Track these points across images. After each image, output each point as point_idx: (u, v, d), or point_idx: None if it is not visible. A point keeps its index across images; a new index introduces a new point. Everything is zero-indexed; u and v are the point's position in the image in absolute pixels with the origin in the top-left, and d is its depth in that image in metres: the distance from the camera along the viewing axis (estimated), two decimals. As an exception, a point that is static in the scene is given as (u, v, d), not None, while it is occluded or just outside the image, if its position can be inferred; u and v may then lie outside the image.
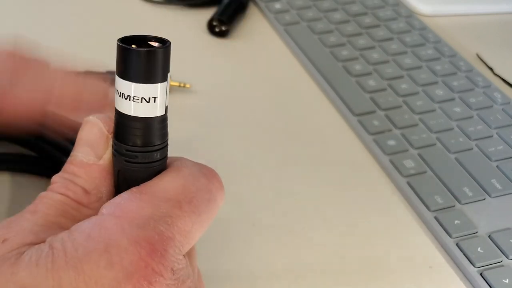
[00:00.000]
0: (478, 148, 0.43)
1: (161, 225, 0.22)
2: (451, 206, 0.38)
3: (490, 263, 0.35)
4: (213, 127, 0.44)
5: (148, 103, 0.21)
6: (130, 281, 0.20)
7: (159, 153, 0.23)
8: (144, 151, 0.23)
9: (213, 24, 0.54)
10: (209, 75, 0.49)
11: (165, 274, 0.21)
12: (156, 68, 0.21)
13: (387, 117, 0.45)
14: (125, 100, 0.21)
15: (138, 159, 0.23)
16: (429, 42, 0.55)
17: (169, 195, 0.23)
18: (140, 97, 0.21)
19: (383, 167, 0.42)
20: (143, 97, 0.21)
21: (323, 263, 0.35)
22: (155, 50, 0.22)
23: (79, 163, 0.24)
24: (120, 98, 0.22)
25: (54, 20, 0.55)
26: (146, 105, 0.21)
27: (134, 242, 0.21)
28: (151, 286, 0.21)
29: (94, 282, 0.20)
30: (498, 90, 0.50)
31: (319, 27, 0.56)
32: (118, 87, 0.22)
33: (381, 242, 0.36)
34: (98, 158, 0.24)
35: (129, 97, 0.21)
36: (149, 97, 0.21)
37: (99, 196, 0.24)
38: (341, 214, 0.38)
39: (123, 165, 0.23)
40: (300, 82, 0.50)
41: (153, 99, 0.21)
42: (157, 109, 0.22)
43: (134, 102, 0.21)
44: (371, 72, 0.50)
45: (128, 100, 0.21)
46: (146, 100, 0.21)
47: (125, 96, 0.21)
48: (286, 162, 0.42)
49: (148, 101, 0.21)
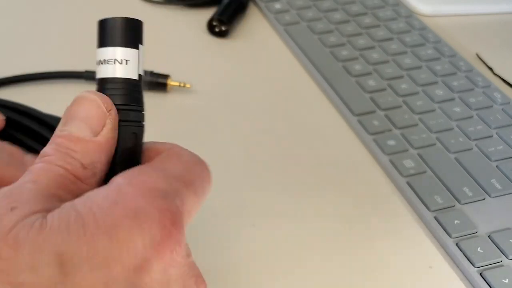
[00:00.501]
0: (478, 148, 0.43)
1: (176, 199, 0.22)
2: (451, 206, 0.38)
3: (490, 263, 0.35)
4: (211, 127, 0.44)
5: (121, 65, 0.24)
6: (157, 248, 0.21)
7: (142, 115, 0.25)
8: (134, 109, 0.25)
9: (213, 24, 0.54)
10: (208, 75, 0.49)
11: (182, 246, 0.22)
12: (120, 34, 0.25)
13: (387, 117, 0.45)
14: (101, 65, 0.24)
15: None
16: (429, 42, 0.55)
17: (177, 175, 0.23)
18: (113, 59, 0.24)
19: (383, 167, 0.42)
20: (115, 59, 0.24)
21: (322, 262, 0.35)
22: (115, 18, 0.26)
23: (74, 138, 0.23)
24: (99, 65, 0.25)
25: (53, 20, 0.55)
26: (120, 66, 0.24)
27: (160, 211, 0.21)
28: (172, 255, 0.21)
29: (126, 248, 0.20)
30: (498, 90, 0.50)
31: (319, 27, 0.56)
32: (98, 57, 0.25)
33: (381, 241, 0.36)
34: (94, 135, 0.23)
35: (104, 61, 0.24)
36: (121, 59, 0.24)
37: (94, 171, 0.24)
38: (340, 213, 0.38)
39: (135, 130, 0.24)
40: (300, 82, 0.50)
41: (125, 61, 0.24)
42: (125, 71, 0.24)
43: (108, 64, 0.24)
44: (371, 72, 0.50)
45: (101, 64, 0.24)
46: (119, 61, 0.24)
47: (101, 61, 0.25)
48: (285, 161, 0.42)
49: (121, 63, 0.24)
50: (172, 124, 0.44)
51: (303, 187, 0.40)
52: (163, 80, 0.46)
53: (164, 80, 0.46)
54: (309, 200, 0.39)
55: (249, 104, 0.47)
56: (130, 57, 0.24)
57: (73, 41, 0.52)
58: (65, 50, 0.51)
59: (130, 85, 0.24)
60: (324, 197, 0.39)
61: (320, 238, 0.36)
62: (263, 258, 0.35)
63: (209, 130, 0.44)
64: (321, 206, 0.38)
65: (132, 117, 0.24)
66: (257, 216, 0.37)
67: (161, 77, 0.46)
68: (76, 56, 0.50)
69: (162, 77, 0.46)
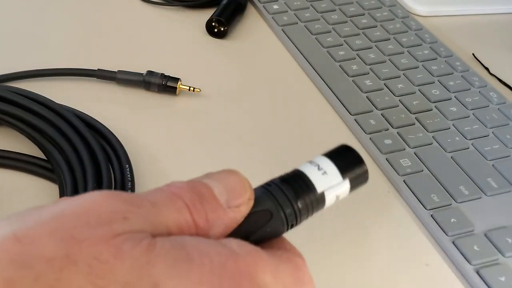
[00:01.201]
0: (474, 147, 0.44)
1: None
2: (448, 205, 0.39)
3: (486, 261, 0.35)
4: (210, 127, 0.44)
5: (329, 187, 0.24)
6: None
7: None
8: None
9: (212, 25, 0.54)
10: (207, 75, 0.49)
11: None
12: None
13: (383, 117, 0.46)
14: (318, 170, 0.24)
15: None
16: (426, 43, 0.55)
17: (285, 283, 0.22)
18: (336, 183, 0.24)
19: (380, 165, 0.42)
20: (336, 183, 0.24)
21: (318, 260, 0.35)
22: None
23: (211, 193, 0.22)
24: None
25: (54, 20, 0.55)
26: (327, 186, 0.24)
27: None
28: None
29: None
30: (494, 90, 0.50)
31: (316, 28, 0.56)
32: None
33: (378, 240, 0.37)
34: (227, 206, 0.22)
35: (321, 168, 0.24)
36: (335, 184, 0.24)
37: (209, 231, 0.22)
38: (337, 211, 0.38)
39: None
40: (297, 82, 0.50)
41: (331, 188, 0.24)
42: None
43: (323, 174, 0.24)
44: (368, 72, 0.51)
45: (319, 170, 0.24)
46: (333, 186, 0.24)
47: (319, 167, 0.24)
48: (283, 161, 0.42)
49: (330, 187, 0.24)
50: (173, 125, 0.45)
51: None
52: (174, 84, 0.46)
53: (175, 83, 0.46)
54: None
55: (246, 104, 0.47)
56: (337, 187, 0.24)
57: (73, 41, 0.52)
58: (65, 50, 0.51)
59: (305, 201, 0.23)
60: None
61: (317, 236, 0.36)
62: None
63: (206, 129, 0.44)
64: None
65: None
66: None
67: (171, 80, 0.46)
68: (89, 54, 0.50)
69: (173, 80, 0.46)
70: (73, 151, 0.36)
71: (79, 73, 0.47)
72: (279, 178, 0.24)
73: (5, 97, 0.38)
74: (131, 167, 0.38)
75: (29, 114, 0.38)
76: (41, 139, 0.37)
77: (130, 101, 0.46)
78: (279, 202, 0.23)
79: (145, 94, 0.47)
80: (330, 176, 0.24)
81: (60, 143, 0.36)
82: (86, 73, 0.47)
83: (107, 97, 0.46)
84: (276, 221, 0.23)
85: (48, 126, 0.37)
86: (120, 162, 0.38)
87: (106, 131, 0.39)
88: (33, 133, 0.38)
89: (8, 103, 0.38)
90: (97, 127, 0.40)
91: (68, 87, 0.47)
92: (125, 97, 0.46)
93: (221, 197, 0.22)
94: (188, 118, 0.45)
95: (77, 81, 0.47)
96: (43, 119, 0.38)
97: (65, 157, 0.36)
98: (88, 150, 0.36)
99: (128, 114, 0.44)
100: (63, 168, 0.36)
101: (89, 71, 0.47)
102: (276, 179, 0.24)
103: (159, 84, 0.46)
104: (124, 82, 0.47)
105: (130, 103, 0.46)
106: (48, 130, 0.37)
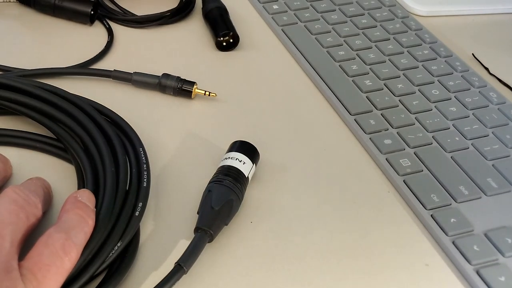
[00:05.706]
0: (474, 147, 0.44)
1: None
2: (447, 205, 0.39)
3: (486, 261, 0.35)
4: (209, 127, 0.44)
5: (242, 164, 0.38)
6: None
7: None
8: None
9: (220, 40, 0.53)
10: (206, 75, 0.49)
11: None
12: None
13: (383, 117, 0.46)
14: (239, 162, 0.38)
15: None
16: (425, 43, 0.55)
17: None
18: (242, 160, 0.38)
19: (380, 165, 0.42)
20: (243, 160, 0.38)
21: (318, 260, 0.35)
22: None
23: None
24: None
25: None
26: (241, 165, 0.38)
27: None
28: None
29: None
30: (494, 90, 0.50)
31: (316, 28, 0.56)
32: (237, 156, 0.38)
33: (378, 240, 0.37)
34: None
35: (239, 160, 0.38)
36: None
37: None
38: (337, 211, 0.38)
39: None
40: (297, 82, 0.50)
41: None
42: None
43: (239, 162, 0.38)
44: (367, 72, 0.51)
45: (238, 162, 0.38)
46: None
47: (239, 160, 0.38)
48: (282, 160, 0.42)
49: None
50: (173, 126, 0.44)
51: (300, 186, 0.40)
52: (189, 87, 0.46)
53: (191, 87, 0.46)
54: (306, 198, 0.39)
55: (246, 104, 0.47)
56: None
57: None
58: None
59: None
60: (321, 195, 0.39)
61: (317, 237, 0.36)
62: (260, 255, 0.35)
63: (205, 129, 0.44)
64: (318, 203, 0.39)
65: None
66: (256, 214, 0.37)
67: (187, 84, 0.46)
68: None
69: (189, 84, 0.46)
70: (88, 137, 0.38)
71: (95, 73, 0.47)
72: (222, 174, 0.36)
73: (21, 88, 0.40)
74: (145, 150, 0.38)
75: (47, 106, 0.39)
76: (53, 125, 0.39)
77: (145, 103, 0.46)
78: (236, 192, 0.36)
79: (160, 96, 0.47)
80: (248, 164, 0.38)
81: (75, 128, 0.38)
82: (102, 74, 0.47)
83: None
84: (237, 202, 0.36)
85: (62, 115, 0.39)
86: (133, 145, 0.39)
87: (118, 118, 0.41)
88: (48, 122, 0.39)
89: (26, 95, 0.40)
90: (109, 115, 0.41)
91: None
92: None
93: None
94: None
95: (93, 81, 0.47)
96: (60, 109, 0.39)
97: (81, 142, 0.38)
98: (104, 135, 0.38)
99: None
100: (79, 153, 0.37)
101: (105, 72, 0.47)
102: (221, 176, 0.36)
103: (174, 87, 0.46)
104: (140, 84, 0.47)
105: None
106: (61, 117, 0.39)
